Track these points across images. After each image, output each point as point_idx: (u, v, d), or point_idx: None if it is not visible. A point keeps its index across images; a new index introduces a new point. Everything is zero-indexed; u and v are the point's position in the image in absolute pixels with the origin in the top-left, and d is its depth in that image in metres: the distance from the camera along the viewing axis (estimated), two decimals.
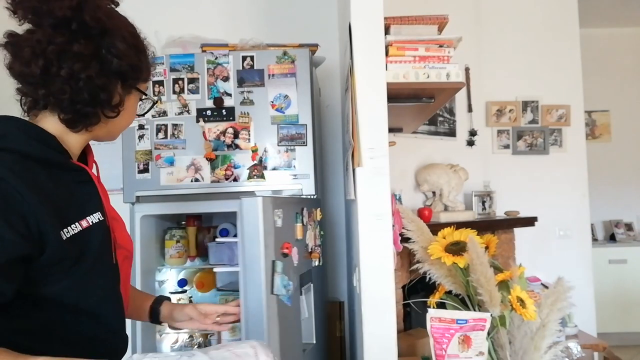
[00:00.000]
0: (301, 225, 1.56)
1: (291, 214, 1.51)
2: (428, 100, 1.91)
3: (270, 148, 1.94)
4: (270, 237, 1.34)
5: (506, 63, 3.42)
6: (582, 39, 3.49)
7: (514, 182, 3.38)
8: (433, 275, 1.61)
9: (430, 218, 2.66)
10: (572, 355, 1.75)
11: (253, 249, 1.30)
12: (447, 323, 1.44)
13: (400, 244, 1.72)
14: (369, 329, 1.58)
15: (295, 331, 1.49)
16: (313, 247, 1.70)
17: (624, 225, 4.66)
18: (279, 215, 1.38)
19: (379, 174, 1.61)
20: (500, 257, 2.85)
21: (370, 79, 1.64)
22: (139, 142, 1.98)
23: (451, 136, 3.16)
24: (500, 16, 3.45)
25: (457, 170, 2.92)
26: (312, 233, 1.70)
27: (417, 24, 1.79)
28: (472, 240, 1.48)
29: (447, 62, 1.75)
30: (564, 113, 3.46)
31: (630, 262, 4.27)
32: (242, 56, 1.97)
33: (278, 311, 1.34)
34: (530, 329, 1.43)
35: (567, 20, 3.48)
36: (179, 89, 1.97)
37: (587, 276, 3.39)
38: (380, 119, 1.63)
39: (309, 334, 1.70)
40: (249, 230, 1.30)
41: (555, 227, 3.40)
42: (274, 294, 1.32)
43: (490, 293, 1.41)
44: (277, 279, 1.34)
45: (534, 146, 3.46)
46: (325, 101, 2.74)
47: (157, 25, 2.38)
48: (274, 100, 1.95)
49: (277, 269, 1.34)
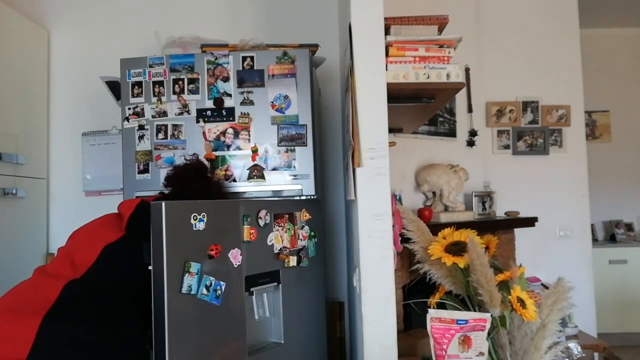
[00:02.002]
0: (249, 228, 1.58)
1: (232, 217, 1.56)
2: (428, 100, 1.91)
3: (270, 148, 1.94)
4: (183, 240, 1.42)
5: (506, 63, 3.42)
6: (582, 39, 3.49)
7: (514, 183, 3.38)
8: (433, 275, 1.61)
9: (430, 218, 2.66)
10: (572, 355, 1.75)
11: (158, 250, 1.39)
12: (447, 323, 1.44)
13: (400, 244, 1.72)
14: (369, 329, 1.58)
15: (234, 331, 1.54)
16: (283, 248, 1.70)
17: (624, 226, 4.66)
18: (200, 219, 1.45)
19: (379, 174, 1.61)
20: (500, 257, 2.85)
21: (370, 79, 1.64)
22: (139, 142, 1.98)
23: (451, 136, 3.15)
24: (500, 16, 3.45)
25: (457, 171, 2.92)
26: (285, 235, 1.71)
27: (417, 24, 1.79)
28: (472, 240, 1.49)
29: (447, 63, 1.75)
30: (564, 113, 3.46)
31: (631, 263, 4.27)
32: (242, 56, 1.97)
33: (195, 311, 1.43)
34: (530, 330, 1.43)
35: (567, 21, 3.48)
36: (179, 89, 1.97)
37: (587, 276, 3.39)
38: (380, 119, 1.63)
39: (270, 333, 1.74)
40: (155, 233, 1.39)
41: (555, 227, 3.40)
42: (183, 294, 1.40)
43: (490, 293, 1.41)
44: (190, 279, 1.41)
45: (534, 146, 3.46)
46: (325, 101, 2.74)
47: (157, 25, 2.39)
48: (274, 101, 1.95)
49: (190, 270, 1.41)
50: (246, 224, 1.58)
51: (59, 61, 2.78)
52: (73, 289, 1.40)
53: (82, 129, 2.71)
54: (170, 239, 1.38)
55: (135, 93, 1.99)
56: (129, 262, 1.50)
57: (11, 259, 2.37)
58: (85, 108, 2.75)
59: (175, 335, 1.37)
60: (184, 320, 1.40)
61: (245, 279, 1.58)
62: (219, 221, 1.51)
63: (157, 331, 1.36)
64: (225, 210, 1.55)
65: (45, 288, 1.41)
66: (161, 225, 1.37)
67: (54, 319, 1.32)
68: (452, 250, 1.55)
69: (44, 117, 2.71)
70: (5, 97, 2.38)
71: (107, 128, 2.68)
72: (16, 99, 2.46)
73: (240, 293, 1.56)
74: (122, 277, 1.49)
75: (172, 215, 1.39)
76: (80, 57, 2.77)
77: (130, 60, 2.00)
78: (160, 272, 1.37)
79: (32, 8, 2.74)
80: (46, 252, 2.66)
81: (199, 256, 1.44)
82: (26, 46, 2.57)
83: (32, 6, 2.75)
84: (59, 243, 2.67)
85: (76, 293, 1.40)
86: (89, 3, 2.80)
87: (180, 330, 1.38)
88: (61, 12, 2.80)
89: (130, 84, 1.99)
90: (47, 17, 2.78)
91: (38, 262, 2.59)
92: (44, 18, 2.77)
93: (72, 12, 2.80)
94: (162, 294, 1.36)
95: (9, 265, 2.33)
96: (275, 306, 1.72)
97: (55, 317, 1.33)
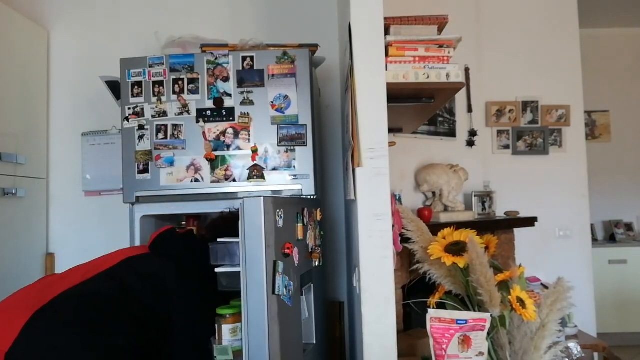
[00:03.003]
0: (302, 226, 1.56)
1: (292, 214, 1.51)
2: (428, 100, 1.91)
3: (270, 148, 1.94)
4: (271, 237, 1.34)
5: (506, 63, 3.42)
6: (582, 39, 3.49)
7: (514, 183, 3.38)
8: (433, 275, 1.61)
9: (430, 218, 2.67)
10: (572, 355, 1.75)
11: (255, 250, 1.29)
12: (447, 323, 1.44)
13: (400, 244, 1.72)
14: (369, 329, 1.58)
15: (296, 331, 1.50)
16: (313, 247, 1.70)
17: (624, 226, 4.66)
18: (280, 216, 1.38)
19: (379, 174, 1.61)
20: (500, 257, 2.85)
21: (370, 79, 1.64)
22: (139, 142, 1.98)
23: (451, 136, 3.15)
24: (500, 16, 3.45)
25: (457, 171, 2.92)
26: (312, 233, 1.70)
27: (417, 24, 1.79)
28: (472, 240, 1.49)
29: (447, 63, 1.75)
30: (564, 113, 3.46)
31: (630, 263, 4.27)
32: (242, 56, 1.97)
33: (279, 312, 1.35)
34: (530, 330, 1.43)
35: (567, 21, 3.48)
36: (179, 89, 1.97)
37: (587, 276, 3.39)
38: (380, 119, 1.63)
39: (309, 334, 1.71)
40: (250, 230, 1.30)
41: (555, 227, 3.40)
42: (275, 295, 1.32)
43: (490, 293, 1.41)
44: (279, 280, 1.34)
45: (534, 146, 3.46)
46: (325, 101, 2.74)
47: (157, 25, 2.39)
48: (274, 101, 1.95)
49: (279, 270, 1.34)
50: (299, 222, 1.56)
51: (59, 61, 2.78)
52: (75, 291, 1.39)
53: (82, 129, 2.71)
54: (267, 236, 1.30)
55: (135, 93, 1.99)
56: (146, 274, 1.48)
57: (11, 259, 2.37)
58: (85, 108, 2.75)
59: (274, 341, 1.29)
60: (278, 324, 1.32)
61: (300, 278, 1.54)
62: (287, 218, 1.46)
63: (255, 338, 1.26)
64: (290, 208, 1.51)
65: (49, 288, 1.39)
66: (260, 221, 1.28)
67: (44, 317, 1.28)
68: (452, 250, 1.55)
69: (44, 117, 2.71)
70: (5, 97, 2.38)
71: (107, 128, 2.68)
72: (16, 99, 2.46)
73: (298, 293, 1.53)
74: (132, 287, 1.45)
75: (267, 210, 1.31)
76: (80, 57, 2.77)
77: (130, 60, 2.00)
78: (258, 273, 1.27)
79: (32, 8, 2.74)
80: (46, 252, 2.66)
81: (279, 255, 1.38)
82: (26, 46, 2.57)
83: (32, 6, 2.75)
84: (58, 243, 2.70)
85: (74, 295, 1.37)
86: (89, 3, 2.80)
87: (277, 335, 1.31)
88: (61, 12, 2.80)
89: (130, 84, 1.99)
90: (47, 17, 2.78)
91: (38, 262, 2.59)
92: (44, 18, 2.77)
93: (72, 12, 2.80)
94: (262, 296, 1.26)
95: (8, 265, 2.34)
96: (309, 306, 1.70)
97: (46, 314, 1.28)
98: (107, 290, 1.42)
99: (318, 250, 1.71)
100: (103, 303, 1.39)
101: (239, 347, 1.40)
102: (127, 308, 1.42)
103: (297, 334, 1.50)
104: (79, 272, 1.47)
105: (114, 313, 1.39)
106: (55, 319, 1.30)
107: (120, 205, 2.02)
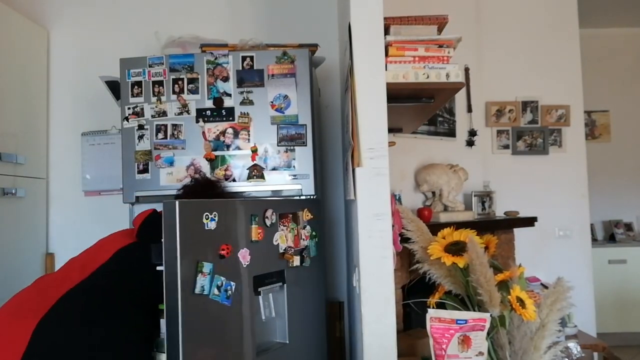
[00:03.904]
0: (258, 227, 1.57)
1: (241, 217, 1.54)
2: (428, 100, 1.91)
3: (270, 148, 1.94)
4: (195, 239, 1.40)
5: (506, 63, 3.42)
6: (582, 39, 3.49)
7: (513, 182, 3.38)
8: (433, 275, 1.61)
9: (430, 218, 2.67)
10: (572, 355, 1.75)
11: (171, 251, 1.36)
12: (447, 323, 1.44)
13: (400, 244, 1.72)
14: (369, 329, 1.58)
15: (242, 331, 1.53)
16: (288, 248, 1.70)
17: (624, 226, 4.66)
18: (212, 219, 1.42)
19: (378, 174, 1.61)
20: (500, 257, 2.85)
21: (370, 79, 1.64)
22: (139, 142, 1.98)
23: (451, 136, 3.15)
24: (500, 16, 3.45)
25: (457, 171, 2.92)
26: (289, 235, 1.70)
27: (417, 24, 1.79)
28: (471, 240, 1.49)
29: (447, 63, 1.75)
30: (564, 113, 3.46)
31: (630, 262, 4.27)
32: (242, 56, 1.97)
33: (208, 311, 1.40)
34: (529, 329, 1.43)
35: (567, 20, 3.48)
36: (179, 89, 1.97)
37: (587, 276, 3.39)
38: (380, 119, 1.63)
39: (277, 333, 1.73)
40: (167, 232, 1.36)
41: (555, 227, 3.40)
42: (196, 294, 1.37)
43: (490, 293, 1.41)
44: (203, 280, 1.38)
45: (534, 146, 3.46)
46: (325, 101, 2.74)
47: (157, 25, 2.39)
48: (273, 101, 1.95)
49: (202, 270, 1.38)
50: (254, 224, 1.57)
51: (58, 61, 2.78)
52: (77, 291, 1.40)
53: (82, 129, 2.71)
54: (184, 238, 1.35)
55: (135, 93, 1.99)
56: (139, 264, 1.50)
57: (11, 259, 2.37)
58: (84, 108, 2.75)
59: (188, 336, 1.35)
60: (197, 320, 1.37)
61: (253, 279, 1.56)
62: (228, 220, 1.49)
63: (170, 332, 1.34)
64: (235, 210, 1.54)
65: (49, 290, 1.40)
66: (174, 224, 1.34)
67: (51, 321, 1.31)
68: (452, 250, 1.55)
69: (44, 117, 2.71)
70: (5, 97, 2.38)
71: (106, 128, 2.68)
72: (16, 99, 2.46)
73: (249, 293, 1.55)
74: (130, 279, 1.49)
75: (185, 214, 1.36)
76: (80, 57, 2.77)
77: (129, 60, 2.00)
78: (173, 272, 1.34)
79: (32, 8, 2.74)
80: (45, 252, 2.66)
81: (210, 256, 1.42)
82: (26, 46, 2.57)
83: (32, 6, 2.75)
84: (58, 243, 2.70)
85: (79, 295, 1.39)
86: (89, 3, 2.80)
87: (193, 331, 1.37)
88: (61, 12, 2.79)
89: (129, 83, 1.99)
90: (47, 17, 2.78)
91: (37, 262, 2.59)
92: (44, 18, 2.77)
93: (72, 12, 2.80)
94: (176, 295, 1.33)
95: (8, 265, 2.33)
96: (280, 306, 1.71)
97: (53, 319, 1.31)
98: (108, 286, 1.45)
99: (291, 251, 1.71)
100: (107, 300, 1.42)
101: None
102: (130, 301, 1.45)
103: (246, 334, 1.54)
104: (75, 270, 1.48)
105: (119, 308, 1.42)
106: (64, 321, 1.31)
107: (120, 205, 2.03)
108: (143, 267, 1.48)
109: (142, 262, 1.49)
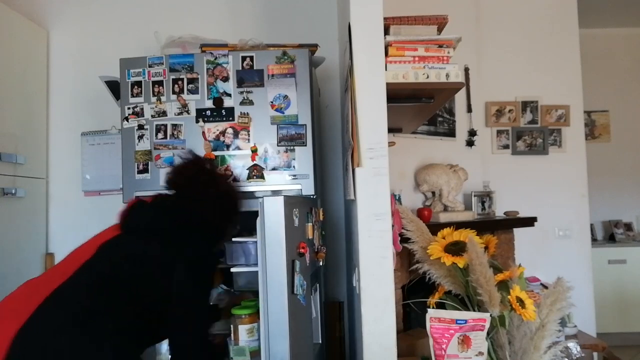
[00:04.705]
0: (311, 225, 1.56)
1: (303, 213, 1.50)
2: (427, 100, 1.91)
3: (270, 148, 1.94)
4: (289, 237, 1.32)
5: (506, 63, 3.42)
6: (582, 39, 3.49)
7: (513, 182, 3.38)
8: (432, 275, 1.61)
9: (429, 218, 2.67)
10: (572, 355, 1.75)
11: (275, 249, 1.27)
12: (447, 323, 1.44)
13: (399, 244, 1.72)
14: (369, 329, 1.58)
15: (308, 331, 1.49)
16: (319, 247, 1.70)
17: (624, 225, 4.66)
18: (296, 215, 1.36)
19: (378, 174, 1.61)
20: (499, 257, 2.85)
21: (370, 79, 1.64)
22: (139, 142, 1.98)
23: (451, 136, 3.15)
24: (500, 16, 3.45)
25: (457, 171, 2.92)
26: (317, 233, 1.70)
27: (417, 24, 1.79)
28: (471, 240, 1.49)
29: (447, 63, 1.75)
30: (564, 113, 3.46)
31: (630, 262, 4.27)
32: (242, 56, 1.97)
33: (296, 311, 1.33)
34: (529, 329, 1.43)
35: (566, 21, 3.48)
36: (179, 89, 1.97)
37: (587, 276, 3.39)
38: (379, 119, 1.63)
39: (316, 333, 1.71)
40: (270, 230, 1.27)
41: (554, 227, 3.40)
42: (294, 294, 1.30)
43: (489, 293, 1.41)
44: (297, 279, 1.33)
45: (534, 146, 3.46)
46: (325, 101, 2.74)
47: (157, 25, 2.39)
48: (273, 101, 1.95)
49: (297, 269, 1.33)
50: (309, 222, 1.55)
51: (58, 61, 2.78)
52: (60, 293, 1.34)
53: (82, 129, 2.71)
54: (287, 236, 1.28)
55: (135, 93, 1.99)
56: (120, 252, 1.45)
57: (11, 258, 2.37)
58: (84, 108, 2.75)
59: (292, 342, 1.27)
60: (294, 323, 1.30)
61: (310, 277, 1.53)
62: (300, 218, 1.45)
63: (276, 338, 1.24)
64: (303, 207, 1.50)
65: (35, 293, 1.36)
66: (281, 220, 1.26)
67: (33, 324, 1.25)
68: (452, 250, 1.55)
69: (44, 117, 2.71)
70: (5, 97, 2.38)
71: (106, 128, 2.68)
72: (15, 99, 2.46)
73: (309, 292, 1.52)
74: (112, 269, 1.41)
75: (287, 209, 1.29)
76: (79, 57, 2.77)
77: (129, 60, 2.00)
78: (279, 273, 1.25)
79: (32, 8, 2.74)
80: (45, 252, 2.66)
81: (295, 254, 1.36)
82: (25, 46, 2.57)
83: (32, 6, 2.75)
84: (58, 243, 2.70)
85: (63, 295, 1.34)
86: (89, 3, 2.80)
87: (294, 334, 1.28)
88: (60, 12, 2.80)
89: (129, 83, 1.99)
90: (47, 17, 2.78)
91: (37, 262, 2.59)
92: (44, 18, 2.77)
93: (72, 12, 2.80)
94: (283, 296, 1.24)
95: (8, 265, 2.34)
96: (316, 305, 1.69)
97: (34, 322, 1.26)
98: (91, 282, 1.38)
99: (323, 249, 1.70)
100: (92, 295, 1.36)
101: (255, 347, 1.39)
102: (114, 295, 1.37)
103: (309, 334, 1.50)
104: (57, 271, 1.44)
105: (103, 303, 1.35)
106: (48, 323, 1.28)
107: (119, 205, 2.01)
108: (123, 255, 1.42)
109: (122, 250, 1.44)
